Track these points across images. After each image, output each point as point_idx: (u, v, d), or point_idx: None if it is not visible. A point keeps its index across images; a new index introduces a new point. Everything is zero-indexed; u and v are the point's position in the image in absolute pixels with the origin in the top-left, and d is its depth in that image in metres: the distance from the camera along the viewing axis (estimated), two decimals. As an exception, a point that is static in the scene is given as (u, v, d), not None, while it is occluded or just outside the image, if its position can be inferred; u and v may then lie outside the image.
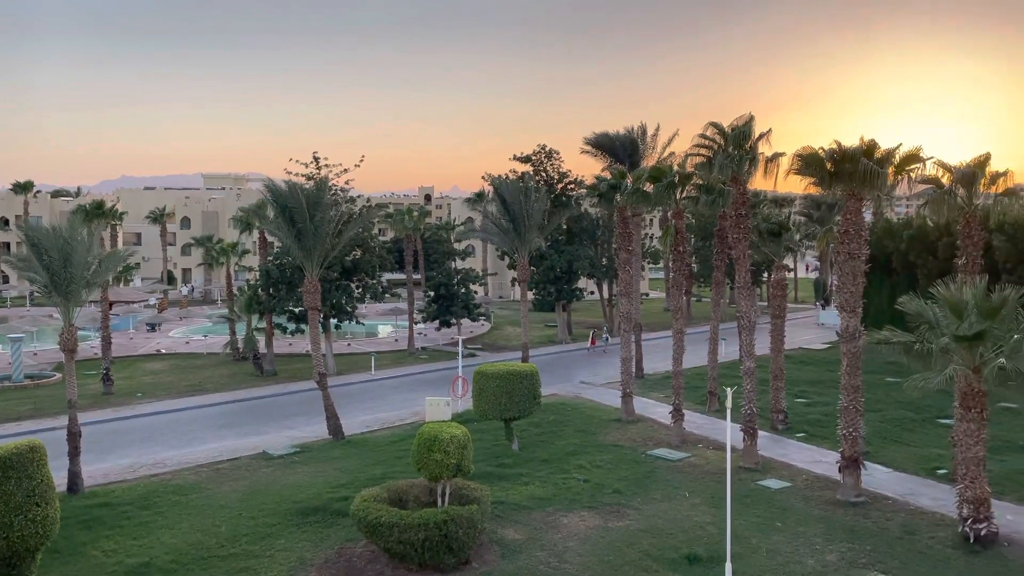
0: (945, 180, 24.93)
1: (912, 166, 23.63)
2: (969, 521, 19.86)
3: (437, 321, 56.39)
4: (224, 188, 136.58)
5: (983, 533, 19.68)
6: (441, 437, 18.85)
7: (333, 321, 48.67)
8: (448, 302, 55.17)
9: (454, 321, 56.35)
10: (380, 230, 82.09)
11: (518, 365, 29.92)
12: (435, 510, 18.64)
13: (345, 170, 48.80)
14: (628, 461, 27.55)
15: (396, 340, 60.37)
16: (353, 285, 49.31)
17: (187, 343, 59.30)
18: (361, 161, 52.16)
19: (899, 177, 23.76)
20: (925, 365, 19.85)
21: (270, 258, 48.64)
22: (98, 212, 47.69)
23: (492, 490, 21.72)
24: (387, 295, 60.68)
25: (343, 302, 47.63)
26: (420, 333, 59.81)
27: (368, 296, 51.99)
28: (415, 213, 63.02)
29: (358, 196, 73.54)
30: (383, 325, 68.50)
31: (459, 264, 75.92)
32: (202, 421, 36.11)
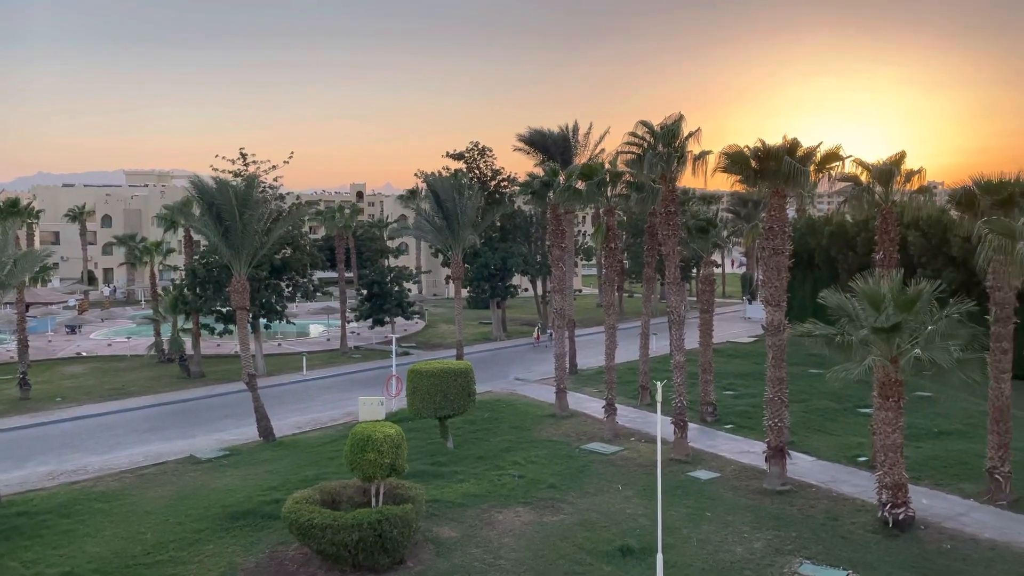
0: (863, 178, 25.75)
1: (832, 164, 24.48)
2: (888, 506, 20.66)
3: (370, 320, 55.84)
4: (147, 185, 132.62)
5: (901, 517, 20.50)
6: (375, 437, 18.71)
7: (263, 321, 47.78)
8: (381, 300, 54.67)
9: (387, 319, 55.92)
10: (311, 228, 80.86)
11: (452, 363, 29.87)
12: (369, 510, 18.49)
13: (274, 166, 48.08)
14: (562, 456, 27.79)
15: (328, 339, 59.56)
16: (283, 284, 48.52)
17: (109, 345, 57.38)
18: (290, 157, 51.53)
19: (820, 175, 24.58)
20: (846, 356, 20.55)
21: (196, 257, 47.49)
22: (13, 210, 45.90)
23: (427, 489, 21.67)
24: (319, 294, 59.67)
25: (273, 301, 46.83)
26: (353, 332, 59.16)
27: (299, 295, 51.20)
28: (347, 210, 62.28)
29: (287, 193, 72.33)
30: (315, 324, 67.49)
31: (392, 262, 75.15)
32: (126, 425, 35.01)
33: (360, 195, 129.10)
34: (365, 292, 55.67)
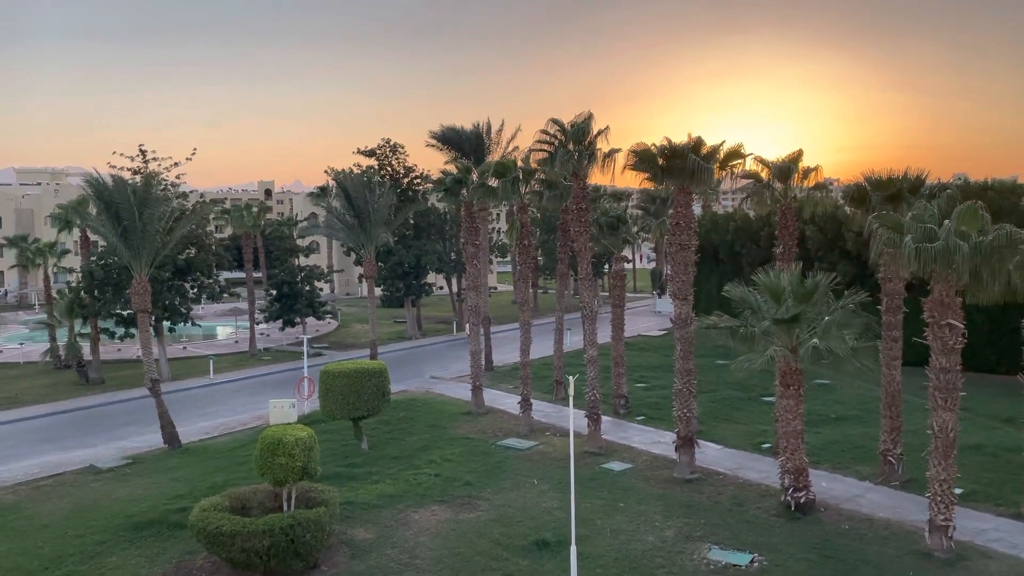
0: (764, 175, 26.69)
1: (735, 161, 25.30)
2: (790, 490, 21.51)
3: (280, 320, 54.65)
4: (40, 183, 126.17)
5: (803, 501, 21.38)
6: (286, 440, 18.33)
7: (166, 324, 46.11)
8: (291, 300, 53.55)
9: (298, 320, 54.80)
10: (217, 227, 78.42)
11: (366, 363, 29.51)
12: (281, 515, 18.11)
13: (176, 163, 46.39)
14: (478, 453, 27.85)
15: (236, 342, 58.00)
16: (188, 285, 46.95)
17: (0, 352, 54.36)
18: (193, 154, 50.00)
19: (724, 172, 25.34)
20: (749, 347, 21.26)
21: (93, 258, 45.54)
22: None
23: (341, 491, 21.39)
24: (226, 295, 57.88)
25: (176, 303, 45.27)
26: (262, 334, 57.77)
27: (204, 296, 49.66)
28: (254, 209, 60.70)
29: (191, 191, 70.06)
30: (222, 326, 65.70)
31: (303, 261, 73.69)
32: (20, 436, 33.27)
33: (268, 193, 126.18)
34: (274, 292, 54.44)
